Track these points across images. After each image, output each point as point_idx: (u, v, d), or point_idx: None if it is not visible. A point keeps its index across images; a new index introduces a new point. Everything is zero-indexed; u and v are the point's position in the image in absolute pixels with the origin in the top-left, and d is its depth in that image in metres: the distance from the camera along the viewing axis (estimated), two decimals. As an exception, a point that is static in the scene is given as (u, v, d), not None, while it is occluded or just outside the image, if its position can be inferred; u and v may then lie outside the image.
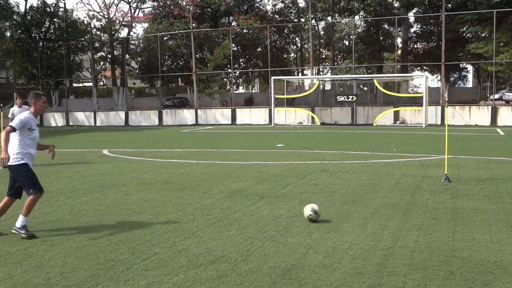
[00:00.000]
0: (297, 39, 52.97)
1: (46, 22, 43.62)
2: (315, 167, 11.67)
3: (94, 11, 48.40)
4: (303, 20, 48.69)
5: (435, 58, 38.85)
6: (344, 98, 31.43)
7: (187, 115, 36.55)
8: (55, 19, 44.05)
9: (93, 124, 38.21)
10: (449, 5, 38.21)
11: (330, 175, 10.44)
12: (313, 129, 27.72)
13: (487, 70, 40.89)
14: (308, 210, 6.53)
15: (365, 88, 43.65)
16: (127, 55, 48.94)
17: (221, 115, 35.70)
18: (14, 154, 5.94)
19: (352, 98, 30.99)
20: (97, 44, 47.88)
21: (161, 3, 45.82)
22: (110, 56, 50.04)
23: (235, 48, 44.72)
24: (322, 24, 48.13)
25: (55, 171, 11.88)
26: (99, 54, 50.40)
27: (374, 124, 29.36)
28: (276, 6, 49.08)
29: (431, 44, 47.02)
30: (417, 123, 29.10)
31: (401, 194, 8.26)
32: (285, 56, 52.83)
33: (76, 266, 4.91)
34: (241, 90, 58.94)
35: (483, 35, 37.42)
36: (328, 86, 44.59)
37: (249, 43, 45.16)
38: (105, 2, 46.77)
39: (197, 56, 40.09)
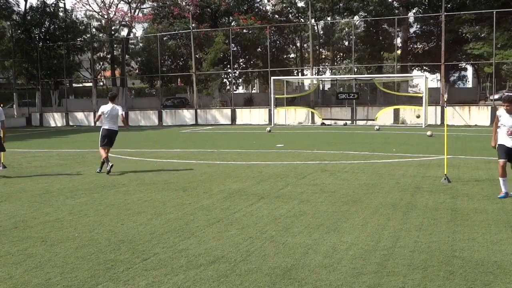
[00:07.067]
0: (296, 39, 52.94)
1: (46, 22, 43.57)
2: (315, 167, 11.67)
3: (94, 11, 48.15)
4: (302, 20, 48.68)
5: (435, 58, 38.81)
6: (346, 95, 31.47)
7: (187, 115, 36.56)
8: (55, 19, 44.01)
9: (92, 124, 38.17)
10: (449, 5, 38.17)
11: (330, 175, 10.44)
12: (313, 129, 27.73)
13: (485, 71, 40.82)
14: None
15: (365, 88, 43.66)
16: (127, 55, 48.90)
17: (221, 115, 35.71)
18: None
19: (354, 96, 31.00)
20: (95, 45, 47.83)
21: (160, 3, 45.77)
22: (109, 56, 50.00)
23: (235, 48, 44.65)
24: (321, 24, 48.09)
25: (55, 171, 11.89)
26: (98, 54, 50.31)
27: (375, 119, 29.65)
28: (276, 7, 49.05)
29: (430, 44, 46.98)
30: (417, 123, 29.10)
31: (401, 194, 8.26)
32: (285, 56, 52.76)
33: (76, 266, 4.91)
34: (240, 90, 58.89)
35: (482, 35, 37.39)
36: (328, 86, 44.59)
37: (249, 43, 45.12)
38: (104, 2, 46.72)
39: (197, 56, 40.03)
